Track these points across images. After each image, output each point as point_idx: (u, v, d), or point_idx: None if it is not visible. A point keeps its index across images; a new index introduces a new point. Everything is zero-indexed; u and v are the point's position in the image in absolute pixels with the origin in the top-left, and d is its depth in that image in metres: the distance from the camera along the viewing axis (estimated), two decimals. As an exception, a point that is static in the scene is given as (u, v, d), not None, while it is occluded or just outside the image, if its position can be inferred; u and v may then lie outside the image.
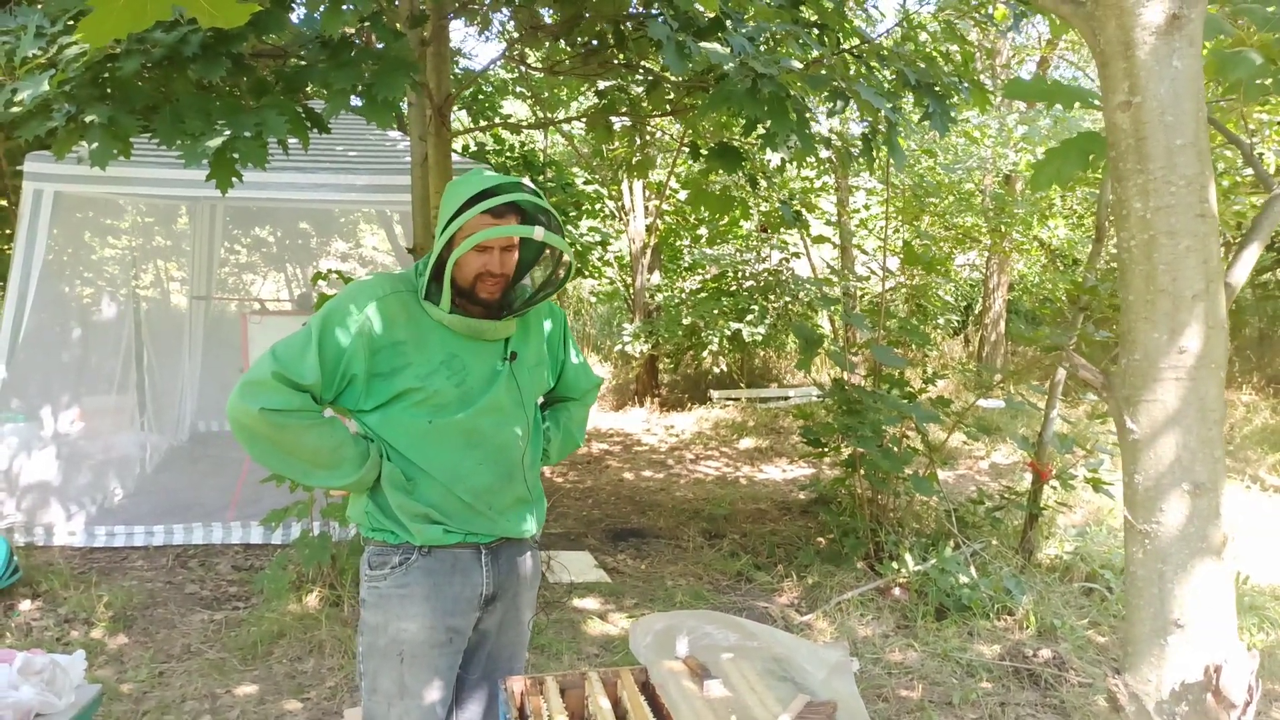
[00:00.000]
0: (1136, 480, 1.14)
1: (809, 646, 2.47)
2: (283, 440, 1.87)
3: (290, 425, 1.85)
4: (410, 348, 1.92)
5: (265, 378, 1.85)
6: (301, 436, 1.87)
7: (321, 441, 1.88)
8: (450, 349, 1.95)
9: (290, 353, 1.87)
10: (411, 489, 1.96)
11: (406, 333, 1.92)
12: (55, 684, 2.52)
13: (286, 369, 1.85)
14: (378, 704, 2.01)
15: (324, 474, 1.92)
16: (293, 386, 1.85)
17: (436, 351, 1.94)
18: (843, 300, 7.20)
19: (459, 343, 1.96)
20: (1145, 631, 1.14)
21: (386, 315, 1.91)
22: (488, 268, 1.92)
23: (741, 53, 3.08)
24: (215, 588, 4.59)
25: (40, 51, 2.81)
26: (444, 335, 1.95)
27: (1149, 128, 1.07)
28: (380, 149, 5.86)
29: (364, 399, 1.94)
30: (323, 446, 1.89)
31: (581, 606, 4.46)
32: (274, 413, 1.83)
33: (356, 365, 1.89)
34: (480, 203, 1.86)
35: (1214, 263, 1.09)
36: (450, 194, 1.94)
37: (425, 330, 1.94)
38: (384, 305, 1.91)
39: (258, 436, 1.87)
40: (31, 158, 5.15)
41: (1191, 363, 1.09)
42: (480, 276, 1.92)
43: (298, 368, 1.86)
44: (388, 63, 3.19)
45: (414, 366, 1.91)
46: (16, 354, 5.12)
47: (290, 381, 1.85)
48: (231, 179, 3.12)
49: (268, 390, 1.84)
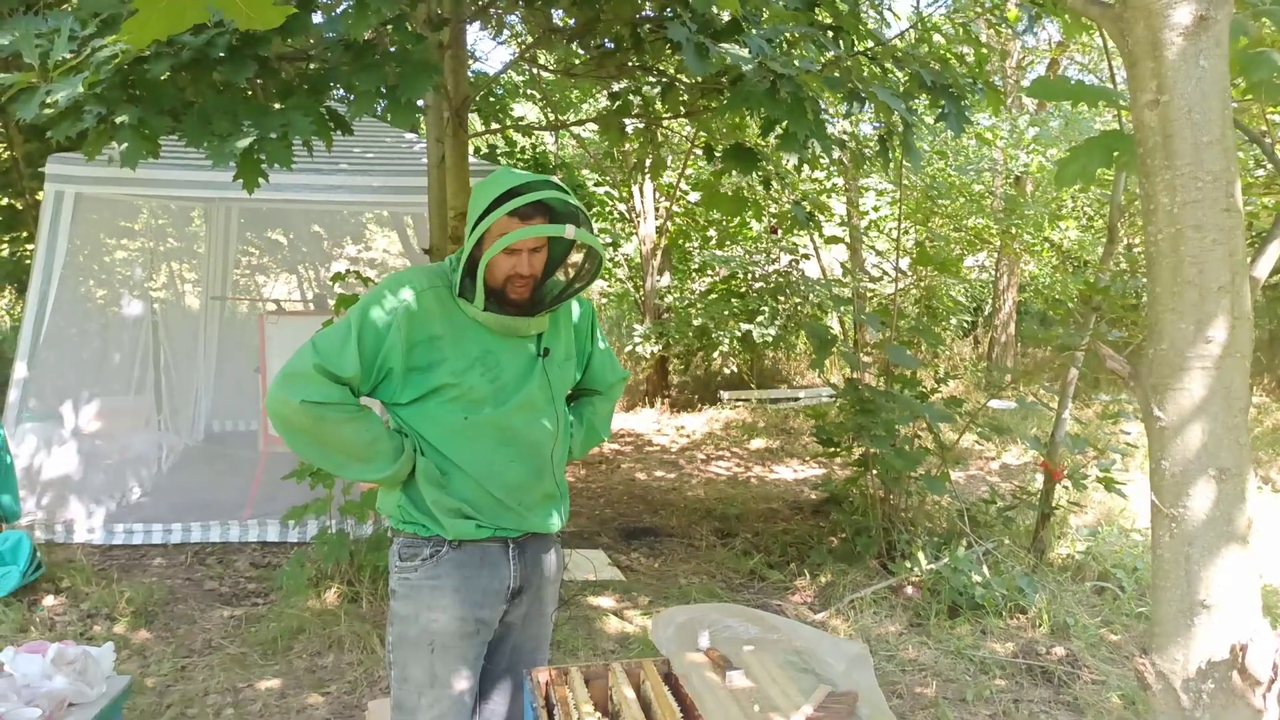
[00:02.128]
0: (1164, 466, 1.17)
1: (830, 639, 2.51)
2: (320, 432, 1.91)
3: (329, 418, 1.89)
4: (446, 343, 1.94)
5: (306, 369, 1.88)
6: (339, 429, 1.90)
7: (358, 435, 1.92)
8: (485, 345, 1.97)
9: (330, 345, 1.90)
10: (445, 484, 1.98)
11: (443, 327, 1.94)
12: (87, 674, 2.57)
13: (327, 361, 1.88)
14: (408, 693, 2.04)
15: (359, 467, 1.95)
16: (332, 379, 1.88)
17: (472, 347, 1.96)
18: (853, 301, 7.21)
19: (493, 339, 1.98)
20: (1172, 612, 1.17)
21: (424, 309, 1.93)
22: (517, 270, 1.93)
23: (760, 54, 3.12)
24: (234, 584, 4.64)
25: (72, 55, 2.85)
26: (478, 331, 1.97)
27: (1176, 125, 1.11)
28: (397, 151, 5.91)
29: (400, 392, 1.97)
30: (359, 440, 1.91)
31: (597, 604, 4.50)
32: (314, 405, 1.86)
33: (394, 358, 1.92)
34: (506, 203, 1.88)
35: (1239, 256, 1.13)
36: (478, 193, 1.96)
37: (460, 326, 1.96)
38: (421, 299, 1.93)
39: (296, 428, 1.90)
40: (53, 160, 5.22)
41: (1218, 352, 1.13)
42: (510, 279, 1.94)
43: (338, 360, 1.89)
44: (411, 65, 3.24)
45: (449, 362, 1.94)
46: (38, 353, 5.18)
47: (330, 373, 1.88)
48: (257, 180, 3.17)
49: (308, 382, 1.87)
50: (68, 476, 5.26)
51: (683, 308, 10.26)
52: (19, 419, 5.13)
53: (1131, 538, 5.35)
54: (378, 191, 5.47)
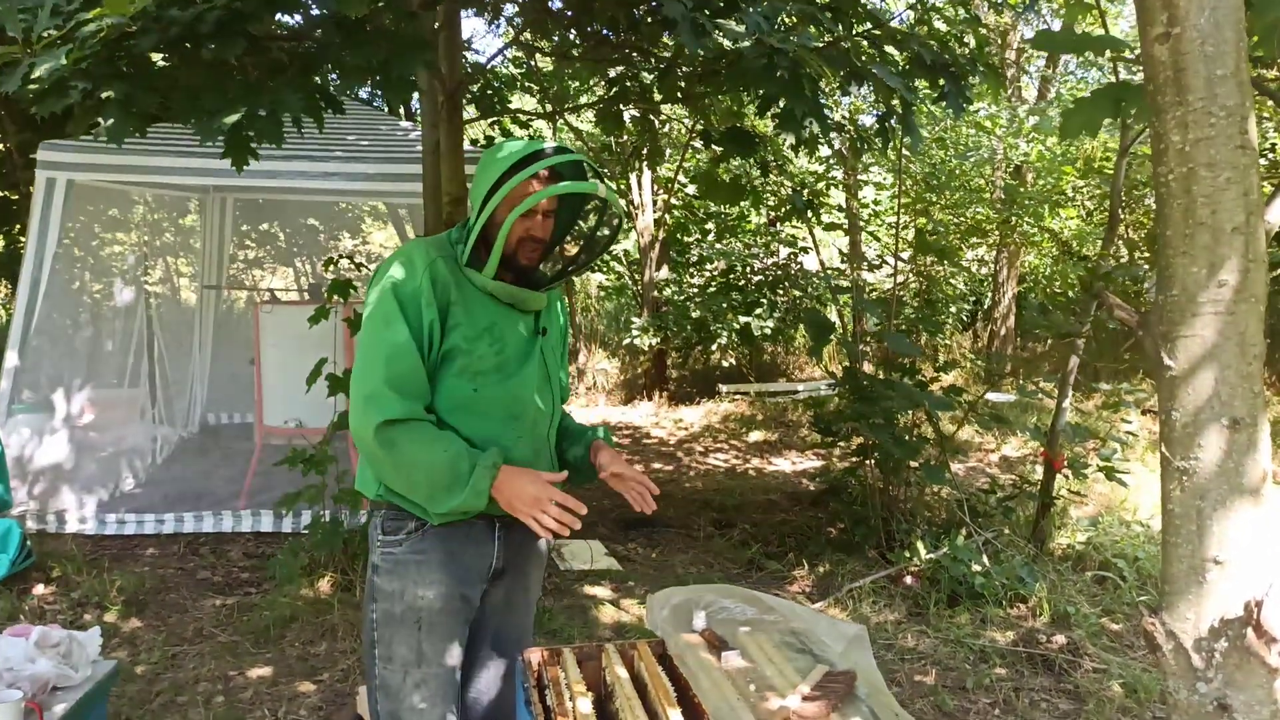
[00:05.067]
0: (1174, 417, 1.13)
1: (827, 620, 2.46)
2: (398, 460, 1.85)
3: (401, 440, 1.83)
4: (459, 310, 1.92)
5: (379, 386, 1.83)
6: (414, 452, 1.84)
7: (433, 456, 1.84)
8: (492, 317, 1.96)
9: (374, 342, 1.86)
10: None
11: (456, 294, 1.92)
12: (72, 657, 2.52)
13: (389, 361, 1.84)
14: (393, 673, 1.98)
15: (444, 495, 1.86)
16: (400, 389, 1.84)
17: (480, 317, 1.94)
18: (852, 290, 7.17)
19: (499, 312, 1.97)
20: (1182, 570, 1.12)
21: (440, 276, 1.91)
22: (531, 233, 1.92)
23: (757, 30, 3.07)
24: (227, 574, 4.59)
25: (57, 29, 2.81)
26: (486, 302, 1.95)
27: (1188, 59, 1.06)
28: (391, 139, 5.86)
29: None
30: (437, 463, 1.84)
31: (593, 593, 4.45)
32: (388, 427, 1.82)
33: (435, 320, 1.89)
34: (532, 164, 1.87)
35: (1254, 195, 1.08)
36: (491, 159, 1.93)
37: (470, 296, 1.94)
38: (434, 267, 1.91)
39: (379, 457, 1.85)
40: (44, 146, 5.16)
41: (1230, 296, 1.08)
42: (523, 241, 1.93)
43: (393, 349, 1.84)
44: (403, 42, 3.19)
45: (462, 328, 1.91)
46: (29, 342, 5.13)
47: (397, 379, 1.83)
48: (246, 158, 3.12)
49: (382, 400, 1.82)
50: (60, 466, 5.21)
51: (681, 301, 10.22)
52: (10, 409, 5.08)
53: (1132, 529, 5.31)
54: (372, 179, 5.42)
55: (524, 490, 1.84)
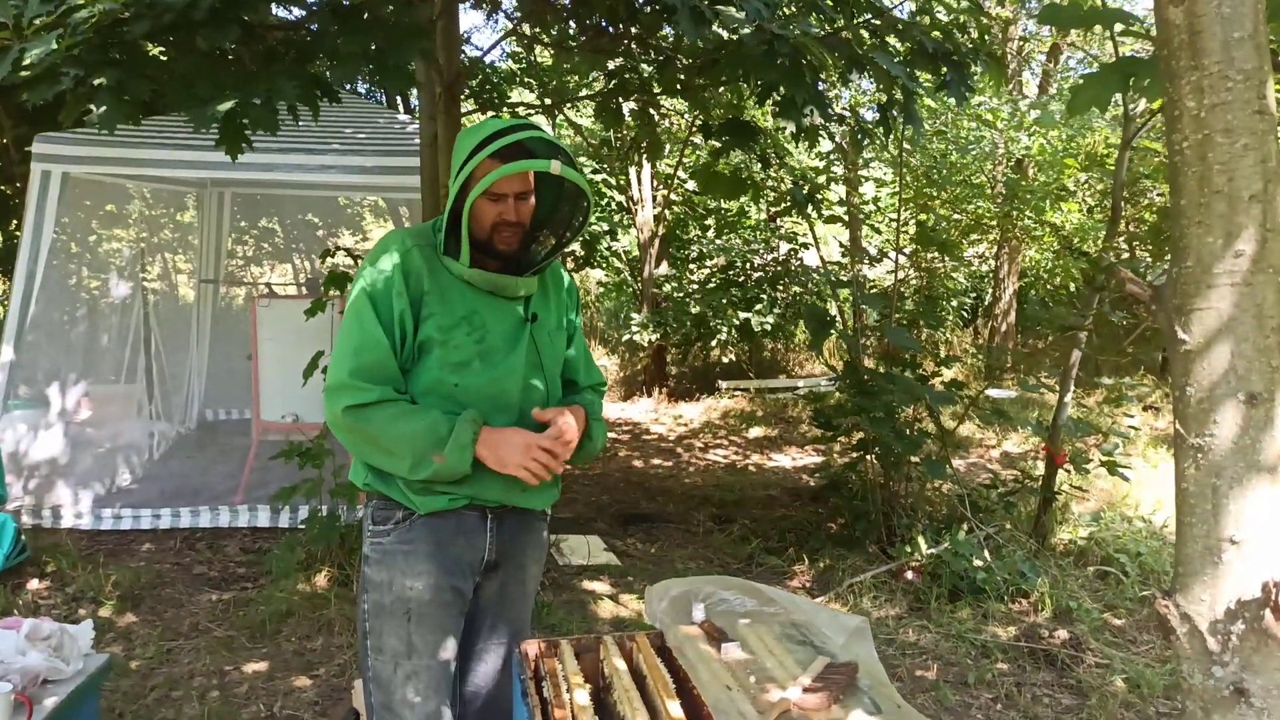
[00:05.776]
0: (1188, 392, 1.09)
1: (828, 612, 2.43)
2: (375, 435, 1.84)
3: (375, 418, 1.83)
4: (434, 299, 1.89)
5: (342, 379, 1.84)
6: (390, 427, 1.84)
7: (410, 425, 1.83)
8: (471, 305, 1.91)
9: (349, 335, 1.87)
10: None
11: (430, 284, 1.89)
12: (63, 650, 2.49)
13: (357, 353, 1.84)
14: (384, 664, 1.95)
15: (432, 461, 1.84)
16: (368, 379, 1.83)
17: (458, 306, 1.90)
18: (852, 284, 7.13)
19: (480, 300, 1.92)
20: (1197, 550, 1.09)
21: (413, 266, 1.88)
22: (503, 216, 1.87)
23: (757, 17, 3.04)
24: (223, 569, 4.56)
25: (48, 15, 2.77)
26: (464, 291, 1.91)
27: (1204, 21, 1.03)
28: (389, 131, 5.82)
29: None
30: (414, 429, 1.83)
31: (592, 588, 4.42)
32: (356, 409, 1.82)
33: (407, 315, 1.87)
34: (489, 145, 1.81)
35: (1272, 163, 1.04)
36: (460, 142, 1.90)
37: (445, 284, 1.90)
38: (407, 257, 1.88)
39: (355, 438, 1.87)
40: (40, 139, 5.13)
41: (1247, 266, 1.05)
42: (496, 226, 1.88)
43: (363, 341, 1.85)
44: (399, 30, 3.15)
45: (436, 318, 1.88)
46: (24, 336, 5.10)
47: (365, 372, 1.83)
48: (241, 146, 3.08)
49: (344, 389, 1.83)
50: (55, 461, 5.17)
51: (680, 297, 10.18)
52: (6, 404, 5.05)
53: (1134, 524, 5.27)
54: (370, 172, 5.38)
55: (511, 441, 1.86)
